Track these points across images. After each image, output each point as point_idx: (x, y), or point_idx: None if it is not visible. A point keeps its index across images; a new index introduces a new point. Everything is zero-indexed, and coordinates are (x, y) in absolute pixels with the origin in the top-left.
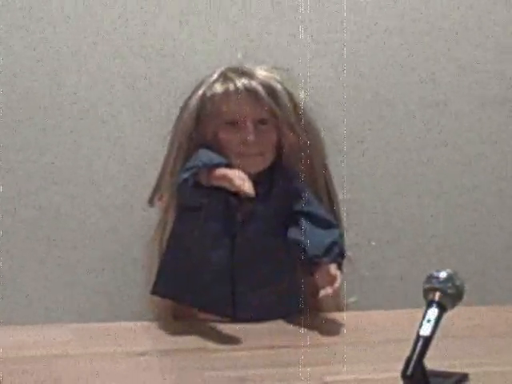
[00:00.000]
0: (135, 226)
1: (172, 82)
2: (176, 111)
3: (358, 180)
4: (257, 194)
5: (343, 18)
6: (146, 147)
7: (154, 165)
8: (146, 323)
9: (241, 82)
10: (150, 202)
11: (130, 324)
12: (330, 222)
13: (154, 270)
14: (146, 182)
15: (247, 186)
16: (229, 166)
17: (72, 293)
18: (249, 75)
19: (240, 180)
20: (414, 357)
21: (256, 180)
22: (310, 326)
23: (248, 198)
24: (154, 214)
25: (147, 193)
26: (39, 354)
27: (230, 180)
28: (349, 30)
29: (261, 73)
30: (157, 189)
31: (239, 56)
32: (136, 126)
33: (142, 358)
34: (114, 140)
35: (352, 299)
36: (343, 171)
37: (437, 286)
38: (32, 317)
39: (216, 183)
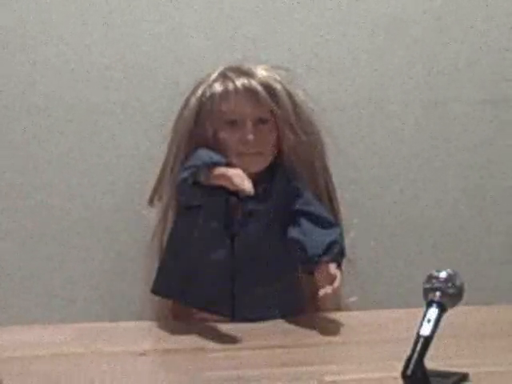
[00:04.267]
0: (135, 225)
1: (172, 82)
2: (176, 111)
3: (358, 180)
4: (256, 193)
5: (343, 17)
6: (145, 147)
7: (154, 165)
8: (146, 323)
9: (240, 82)
10: (150, 202)
11: (130, 324)
12: (329, 222)
13: (154, 270)
14: (146, 182)
15: (246, 185)
16: (228, 165)
17: (72, 293)
18: (248, 75)
19: (239, 179)
20: (414, 356)
21: (255, 179)
22: (310, 326)
23: (247, 197)
24: (153, 214)
25: (147, 193)
26: (39, 354)
27: (229, 179)
28: (348, 30)
29: (260, 72)
30: (157, 189)
31: (239, 56)
32: (136, 126)
33: (142, 358)
34: (114, 140)
35: (352, 299)
36: (343, 171)
37: (437, 285)
38: (32, 317)
39: (215, 182)
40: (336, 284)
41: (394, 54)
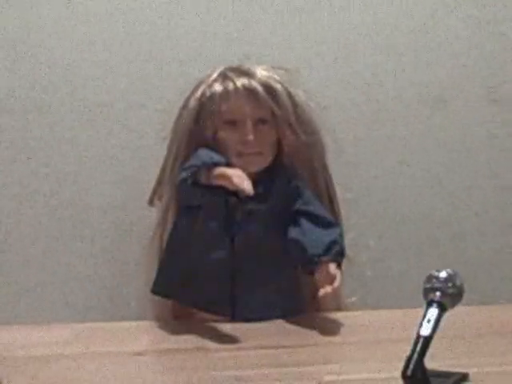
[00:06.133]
0: (135, 225)
1: (172, 82)
2: (176, 111)
3: (358, 180)
4: (256, 193)
5: (343, 17)
6: (146, 147)
7: (154, 165)
8: (146, 323)
9: (240, 82)
10: (150, 202)
11: (130, 324)
12: (329, 221)
13: (154, 270)
14: (146, 182)
15: (246, 185)
16: (228, 165)
17: (72, 292)
18: (248, 75)
19: (239, 179)
20: (414, 357)
21: (255, 179)
22: (310, 326)
23: (247, 197)
24: (153, 214)
25: (147, 193)
26: (39, 354)
27: (228, 179)
28: (349, 29)
29: (260, 72)
30: (157, 189)
31: (239, 56)
32: (136, 126)
33: (141, 358)
34: (114, 140)
35: (352, 299)
36: (343, 171)
37: (437, 285)
38: (32, 317)
39: (215, 182)
40: (336, 284)
41: (395, 52)
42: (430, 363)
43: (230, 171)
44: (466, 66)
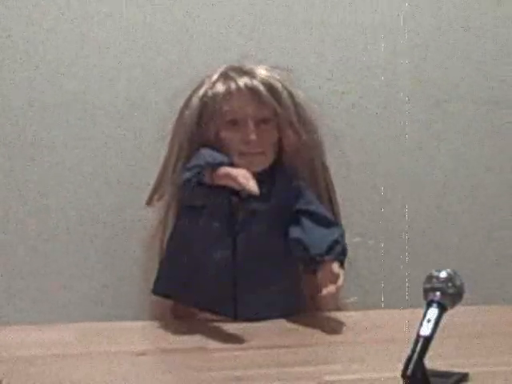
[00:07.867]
0: (135, 225)
1: (172, 82)
2: (176, 111)
3: (358, 180)
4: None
5: (343, 17)
6: (145, 147)
7: (154, 165)
8: (145, 323)
9: (242, 81)
10: (149, 201)
11: (130, 324)
12: (331, 221)
13: (154, 270)
14: (146, 182)
15: (251, 185)
16: (231, 165)
17: (72, 293)
18: (250, 74)
19: (244, 179)
20: (414, 357)
21: (257, 179)
22: (310, 326)
23: (250, 197)
24: (153, 214)
25: (147, 193)
26: (39, 354)
27: (234, 178)
28: (349, 30)
29: (262, 72)
30: (156, 189)
31: (239, 56)
32: (136, 126)
33: (142, 358)
34: (114, 140)
35: (352, 299)
36: (343, 171)
37: (437, 285)
38: (32, 317)
39: (220, 182)
40: (339, 283)
41: (396, 53)
42: (430, 363)
43: (235, 171)
44: (467, 66)
